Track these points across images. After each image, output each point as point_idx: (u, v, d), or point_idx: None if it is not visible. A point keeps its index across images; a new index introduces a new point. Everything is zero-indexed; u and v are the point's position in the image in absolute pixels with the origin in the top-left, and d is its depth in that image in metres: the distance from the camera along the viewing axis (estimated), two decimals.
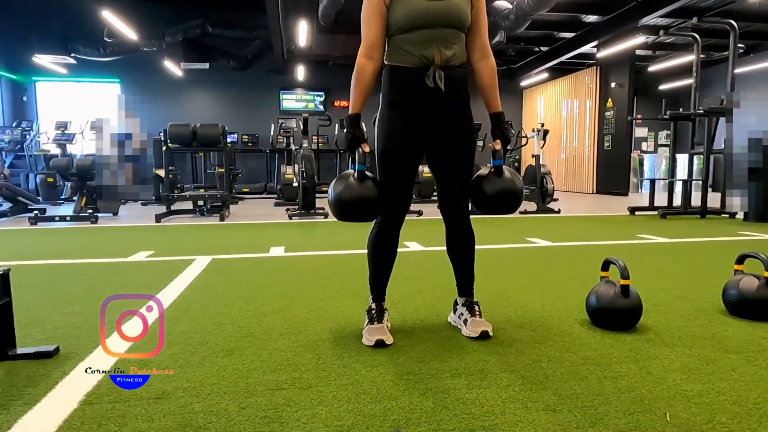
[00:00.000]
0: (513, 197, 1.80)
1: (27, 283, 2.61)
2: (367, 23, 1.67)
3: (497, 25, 8.05)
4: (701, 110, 5.72)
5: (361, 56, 1.67)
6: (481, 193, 1.79)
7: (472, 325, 1.78)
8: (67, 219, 5.55)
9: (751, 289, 1.94)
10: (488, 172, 1.79)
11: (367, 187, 1.67)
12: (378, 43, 1.67)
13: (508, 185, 1.78)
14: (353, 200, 1.67)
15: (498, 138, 1.78)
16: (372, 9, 1.66)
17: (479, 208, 1.82)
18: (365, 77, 1.68)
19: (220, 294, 2.38)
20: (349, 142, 1.70)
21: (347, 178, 1.70)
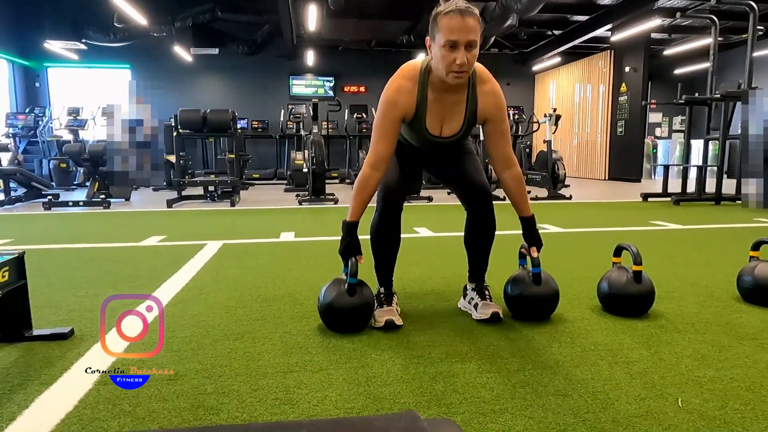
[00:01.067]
0: (553, 304, 1.80)
1: (42, 267, 2.65)
2: (379, 136, 1.65)
3: (509, 8, 7.91)
4: (718, 95, 5.60)
5: (367, 166, 1.66)
6: (520, 298, 1.78)
7: (483, 308, 1.78)
8: (81, 204, 5.61)
9: (767, 276, 1.92)
10: (527, 277, 1.77)
11: (356, 299, 1.65)
12: (387, 159, 1.67)
13: (547, 292, 1.78)
14: (342, 312, 1.65)
15: (533, 244, 1.76)
16: (387, 126, 1.64)
17: (516, 313, 1.80)
18: (369, 188, 1.67)
19: (230, 278, 2.40)
20: (344, 250, 1.68)
21: (339, 286, 1.67)
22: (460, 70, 1.51)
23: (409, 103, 1.63)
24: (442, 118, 1.68)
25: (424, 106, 1.65)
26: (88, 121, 9.16)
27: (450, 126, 1.70)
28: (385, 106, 1.63)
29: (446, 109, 1.67)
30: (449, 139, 1.72)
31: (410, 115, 1.65)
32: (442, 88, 1.63)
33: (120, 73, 11.44)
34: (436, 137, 1.71)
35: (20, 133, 8.88)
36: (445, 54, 1.50)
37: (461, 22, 1.47)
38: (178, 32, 10.02)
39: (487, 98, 1.67)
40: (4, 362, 1.44)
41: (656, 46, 12.28)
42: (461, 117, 1.68)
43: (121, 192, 6.38)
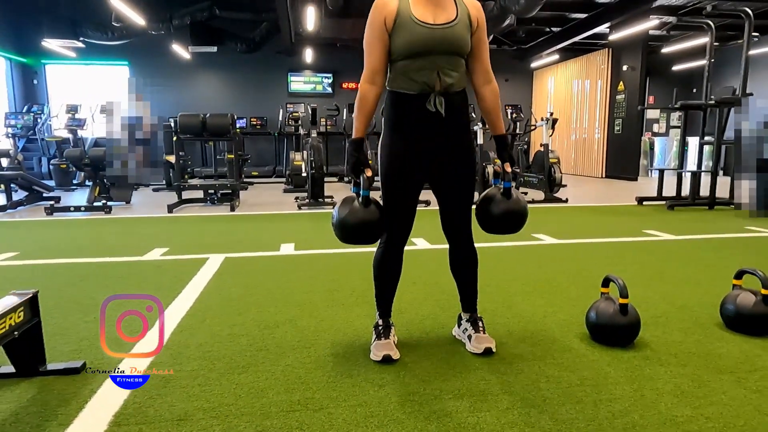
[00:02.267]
0: (519, 219, 1.86)
1: (49, 286, 2.73)
2: (369, 49, 1.71)
3: (507, 9, 7.92)
4: (712, 101, 5.66)
5: (364, 82, 1.72)
6: (487, 214, 1.85)
7: (476, 341, 1.86)
8: (82, 209, 5.67)
9: (748, 306, 2.00)
10: (497, 193, 1.85)
11: (370, 211, 1.72)
12: (380, 69, 1.72)
13: (514, 207, 1.84)
14: (357, 224, 1.72)
15: (506, 160, 1.84)
16: (374, 36, 1.69)
17: (485, 228, 1.88)
18: (368, 103, 1.73)
19: (233, 300, 2.48)
20: (353, 166, 1.74)
21: (351, 202, 1.74)
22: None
23: (390, 4, 1.67)
24: (431, 8, 1.68)
25: (407, 1, 1.68)
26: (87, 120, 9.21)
27: (443, 14, 1.69)
28: (369, 19, 1.70)
29: (433, 2, 1.69)
30: (447, 28, 1.67)
31: (393, 13, 1.66)
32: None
33: (118, 70, 11.43)
34: (431, 24, 1.66)
35: (20, 133, 8.91)
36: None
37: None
38: (176, 30, 10.01)
39: (472, 4, 1.74)
40: (21, 400, 1.52)
41: (654, 43, 12.28)
42: (452, 7, 1.71)
43: (121, 195, 6.44)
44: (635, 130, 10.08)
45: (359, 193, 1.73)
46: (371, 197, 1.73)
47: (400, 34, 1.67)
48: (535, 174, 7.04)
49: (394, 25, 1.67)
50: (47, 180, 8.63)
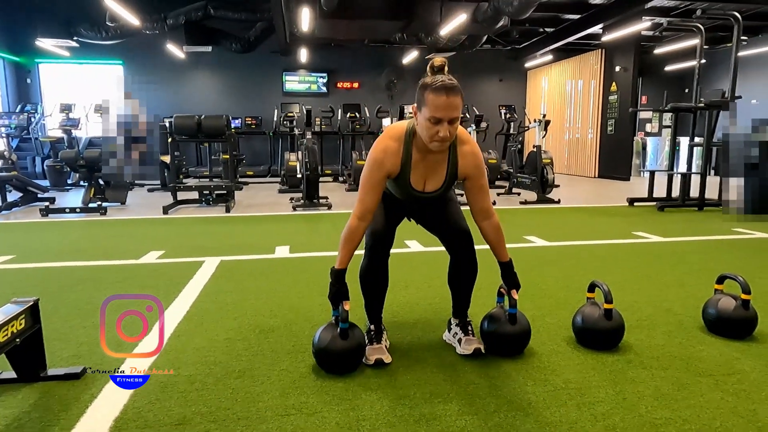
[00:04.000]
0: (521, 343, 1.94)
1: (47, 290, 2.77)
2: (366, 190, 1.76)
3: (501, 11, 7.98)
4: (702, 103, 5.74)
5: (354, 217, 1.77)
6: (493, 335, 1.92)
7: (466, 343, 1.93)
8: (77, 211, 5.69)
9: (728, 310, 2.07)
10: (503, 316, 1.92)
11: (348, 344, 1.77)
12: (372, 210, 1.78)
13: (519, 331, 1.92)
14: (335, 355, 1.77)
15: (512, 287, 1.91)
16: (374, 181, 1.76)
17: (490, 346, 1.93)
18: (356, 238, 1.79)
19: (229, 304, 2.53)
20: (333, 297, 1.78)
21: (332, 330, 1.79)
22: (442, 141, 1.66)
23: (395, 162, 1.77)
24: (425, 175, 1.82)
25: (409, 165, 1.78)
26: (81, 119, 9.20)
27: (432, 182, 1.83)
28: (372, 165, 1.76)
29: (429, 167, 1.81)
30: (432, 194, 1.86)
31: (395, 173, 1.79)
32: (425, 149, 1.76)
33: (112, 69, 11.41)
34: (420, 192, 1.84)
35: (13, 133, 8.89)
36: (430, 126, 1.64)
37: (446, 101, 1.60)
38: (170, 29, 10.01)
39: (467, 158, 1.80)
40: (24, 405, 1.57)
41: (647, 44, 12.38)
42: (443, 174, 1.82)
43: (117, 196, 6.46)
44: (628, 131, 10.18)
45: (338, 321, 1.78)
46: (350, 326, 1.78)
47: (393, 184, 1.86)
48: (528, 175, 7.11)
49: (395, 178, 1.81)
50: (41, 180, 8.64)
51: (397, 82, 12.18)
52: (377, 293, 1.95)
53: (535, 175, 6.74)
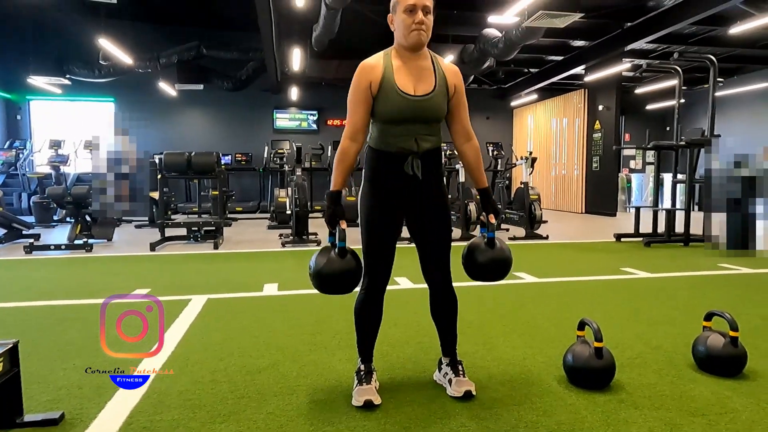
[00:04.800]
0: (503, 267, 1.94)
1: (28, 330, 2.70)
2: (353, 108, 1.80)
3: (486, 53, 8.24)
4: (683, 141, 5.90)
5: (345, 138, 1.81)
6: (473, 262, 1.93)
7: (457, 385, 1.89)
8: (62, 248, 5.61)
9: (717, 348, 2.07)
10: (481, 243, 1.92)
11: (346, 262, 1.79)
12: (362, 129, 1.81)
13: (499, 256, 1.92)
14: (333, 275, 1.79)
15: (490, 212, 1.93)
16: (359, 97, 1.78)
17: (471, 275, 1.95)
18: (348, 158, 1.82)
19: (215, 344, 2.48)
20: (330, 218, 1.82)
21: (328, 252, 1.81)
22: (419, 27, 1.72)
23: (376, 71, 1.77)
24: (413, 79, 1.79)
25: (391, 70, 1.78)
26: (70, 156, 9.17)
27: (423, 85, 1.79)
28: (354, 82, 1.79)
29: (415, 72, 1.80)
30: (426, 99, 1.77)
31: (377, 79, 1.76)
32: (407, 57, 1.80)
33: (104, 106, 11.50)
34: (411, 95, 1.76)
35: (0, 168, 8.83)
36: (406, 18, 1.72)
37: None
38: (163, 68, 10.17)
39: (450, 71, 1.85)
40: None
41: (628, 83, 12.80)
42: (432, 78, 1.81)
43: (103, 233, 6.39)
44: (612, 168, 10.39)
45: (335, 243, 1.79)
46: (347, 247, 1.80)
47: (382, 100, 1.77)
48: (516, 211, 7.18)
49: (379, 90, 1.76)
50: (27, 216, 8.54)
51: None
52: (371, 328, 1.92)
53: (523, 211, 6.81)
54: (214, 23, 10.30)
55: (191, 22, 10.27)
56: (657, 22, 7.79)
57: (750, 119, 11.66)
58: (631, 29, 8.45)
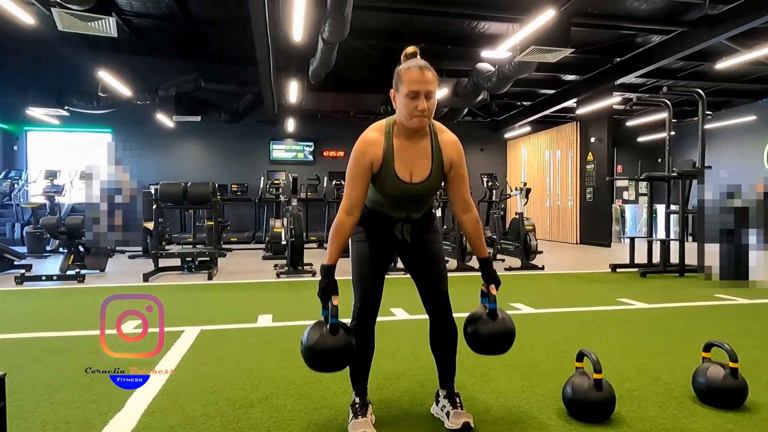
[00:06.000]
0: (507, 340, 1.86)
1: (15, 363, 2.63)
2: (351, 183, 1.78)
3: (480, 86, 8.41)
4: (675, 173, 5.98)
5: (342, 212, 1.79)
6: (475, 335, 1.85)
7: (455, 417, 1.86)
8: (54, 278, 5.54)
9: (718, 379, 2.05)
10: (483, 314, 1.86)
11: (338, 339, 1.71)
12: (359, 204, 1.80)
13: (501, 328, 1.84)
14: (324, 352, 1.71)
15: (491, 282, 1.87)
16: (359, 173, 1.78)
17: (473, 347, 1.87)
18: (344, 232, 1.80)
19: (208, 377, 2.43)
20: (322, 292, 1.75)
21: (320, 328, 1.74)
22: (421, 114, 1.71)
23: (377, 150, 1.77)
24: (410, 165, 1.80)
25: (391, 152, 1.78)
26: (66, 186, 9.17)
27: (419, 172, 1.81)
28: (355, 155, 1.78)
29: (413, 156, 1.80)
30: (421, 186, 1.81)
31: (378, 160, 1.77)
32: (406, 136, 1.80)
33: (101, 137, 11.56)
34: (407, 183, 1.80)
35: None
36: (408, 102, 1.71)
37: (421, 75, 1.70)
38: (161, 100, 10.28)
39: (449, 145, 1.85)
40: None
41: (620, 116, 13.05)
42: (428, 163, 1.81)
43: (96, 263, 6.33)
44: (606, 198, 10.48)
45: (328, 318, 1.74)
46: (340, 322, 1.74)
47: (380, 181, 1.80)
48: (512, 241, 7.19)
49: (378, 170, 1.79)
50: (19, 246, 8.46)
51: None
52: (363, 361, 1.89)
53: (518, 242, 6.81)
54: (212, 57, 10.48)
55: (190, 56, 10.45)
56: (645, 58, 8.00)
57: (738, 151, 11.87)
58: (620, 64, 8.67)
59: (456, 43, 8.22)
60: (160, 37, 9.66)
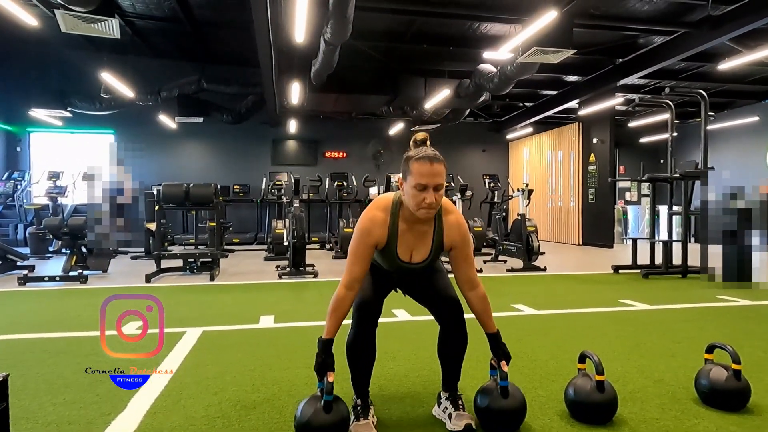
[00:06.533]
0: (519, 418, 1.86)
1: (18, 364, 2.64)
2: (354, 260, 1.79)
3: (482, 87, 8.41)
4: (677, 174, 5.97)
5: (342, 287, 1.79)
6: (486, 411, 1.83)
7: (457, 419, 1.85)
8: (57, 279, 5.56)
9: (720, 381, 2.04)
10: (494, 390, 1.84)
11: (333, 415, 1.72)
12: (360, 280, 1.80)
13: (511, 406, 1.83)
14: (321, 428, 1.70)
15: (502, 358, 1.86)
16: (362, 251, 1.79)
17: (482, 423, 1.85)
18: (343, 307, 1.79)
19: (210, 379, 2.43)
20: (318, 367, 1.76)
21: (316, 403, 1.74)
22: (429, 207, 1.71)
23: (382, 232, 1.80)
24: (411, 246, 1.85)
25: (395, 235, 1.81)
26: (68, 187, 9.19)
27: (419, 253, 1.86)
28: (360, 234, 1.79)
29: (415, 238, 1.84)
30: (418, 265, 1.88)
31: (382, 243, 1.82)
32: (411, 219, 1.80)
33: (104, 138, 11.59)
34: (406, 263, 1.86)
35: None
36: (416, 194, 1.70)
37: (430, 169, 1.68)
38: (163, 102, 10.31)
39: (452, 228, 1.85)
40: None
41: (622, 117, 13.04)
42: (429, 245, 1.85)
43: (98, 264, 6.34)
44: (608, 199, 10.46)
45: (323, 391, 1.73)
46: (335, 398, 1.74)
47: (380, 256, 1.90)
48: (514, 243, 7.19)
49: (381, 249, 1.84)
50: (22, 247, 8.49)
51: (383, 152, 12.53)
52: (364, 365, 1.89)
53: (520, 243, 6.81)
54: (215, 58, 10.51)
55: (192, 57, 10.48)
56: (647, 59, 8.00)
57: (741, 152, 11.85)
58: (622, 65, 8.66)
59: (458, 44, 8.23)
60: (162, 39, 9.69)
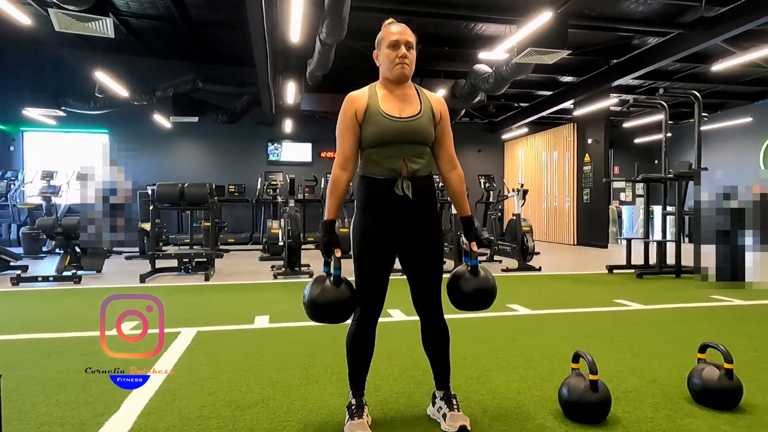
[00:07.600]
0: (488, 295, 1.93)
1: (11, 365, 2.63)
2: (341, 138, 1.85)
3: (477, 87, 8.43)
4: (671, 174, 6.00)
5: (336, 167, 1.85)
6: (458, 291, 1.91)
7: (451, 419, 1.86)
8: (50, 279, 5.53)
9: (713, 380, 2.05)
10: (465, 271, 1.92)
11: (341, 291, 1.80)
12: (352, 157, 1.85)
13: (483, 284, 1.91)
14: (328, 304, 1.79)
15: (473, 240, 1.94)
16: (346, 126, 1.84)
17: (456, 304, 1.93)
18: (340, 187, 1.86)
19: (204, 379, 2.42)
20: (325, 247, 1.83)
21: (323, 281, 1.82)
22: (402, 61, 1.81)
23: (361, 101, 1.83)
24: (397, 105, 1.84)
25: (376, 97, 1.84)
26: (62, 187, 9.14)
27: (408, 108, 1.85)
28: (341, 111, 1.85)
29: (399, 98, 1.86)
30: (411, 121, 1.82)
31: (363, 107, 1.82)
32: (391, 86, 1.87)
33: (98, 138, 11.53)
34: (396, 118, 1.81)
35: None
36: (390, 53, 1.82)
37: (400, 28, 1.85)
38: (158, 101, 10.27)
39: (435, 101, 1.92)
40: None
41: (616, 118, 13.10)
42: (417, 102, 1.87)
43: (92, 264, 6.31)
44: (603, 200, 10.50)
45: (330, 272, 1.80)
46: (342, 276, 1.81)
47: (369, 125, 1.81)
48: (509, 243, 7.20)
49: (364, 117, 1.82)
50: (15, 247, 8.44)
51: None
52: (362, 360, 1.89)
53: (515, 243, 6.82)
54: (210, 58, 10.48)
55: (187, 57, 10.44)
56: (642, 60, 8.04)
57: (734, 152, 11.92)
58: (617, 66, 8.70)
59: (453, 45, 8.24)
60: (157, 38, 9.65)
